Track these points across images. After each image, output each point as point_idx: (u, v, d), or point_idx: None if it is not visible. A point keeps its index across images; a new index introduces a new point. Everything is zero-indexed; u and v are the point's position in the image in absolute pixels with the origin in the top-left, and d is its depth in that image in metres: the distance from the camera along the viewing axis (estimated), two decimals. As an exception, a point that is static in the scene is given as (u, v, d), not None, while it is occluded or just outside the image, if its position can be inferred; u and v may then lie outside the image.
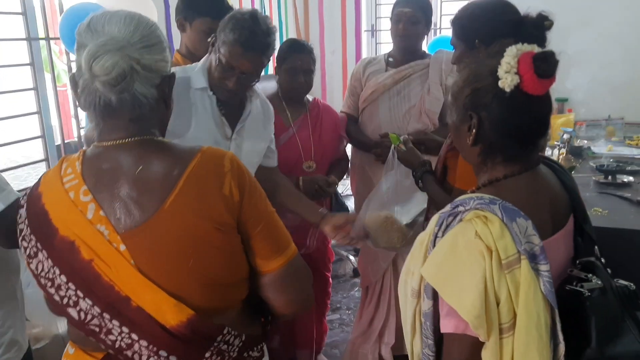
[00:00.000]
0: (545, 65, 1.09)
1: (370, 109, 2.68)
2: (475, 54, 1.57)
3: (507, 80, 1.10)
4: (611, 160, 3.08)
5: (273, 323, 1.25)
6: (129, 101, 1.06)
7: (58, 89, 3.00)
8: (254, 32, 1.74)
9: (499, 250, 1.02)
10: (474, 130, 1.16)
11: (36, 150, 2.82)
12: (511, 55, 1.10)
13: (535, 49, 1.12)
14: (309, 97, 2.63)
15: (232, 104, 1.91)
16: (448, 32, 4.58)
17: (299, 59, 2.44)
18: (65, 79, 5.83)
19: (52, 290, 1.06)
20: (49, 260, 1.06)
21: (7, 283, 1.54)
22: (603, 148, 3.45)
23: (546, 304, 1.04)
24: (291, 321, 2.66)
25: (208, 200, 1.05)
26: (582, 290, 1.13)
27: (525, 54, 1.10)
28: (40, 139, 2.75)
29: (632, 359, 1.11)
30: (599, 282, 1.14)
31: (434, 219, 1.15)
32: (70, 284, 1.04)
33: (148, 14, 2.88)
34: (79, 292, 1.04)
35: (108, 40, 1.02)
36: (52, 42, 2.93)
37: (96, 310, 1.03)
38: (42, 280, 1.07)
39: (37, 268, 1.08)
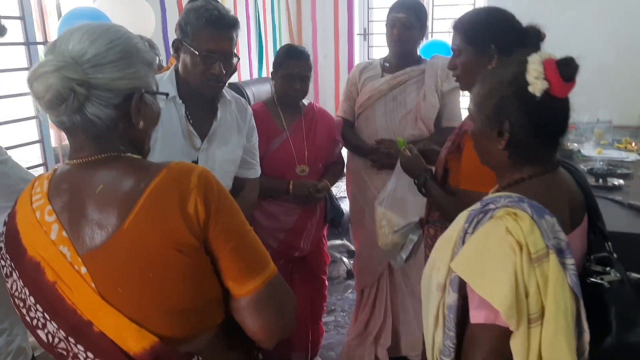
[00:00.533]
0: (569, 70, 1.17)
1: (366, 114, 2.70)
2: (485, 60, 1.64)
3: (538, 85, 1.16)
4: (601, 163, 3.13)
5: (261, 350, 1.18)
6: (80, 122, 1.01)
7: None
8: (218, 10, 1.75)
9: (528, 245, 1.08)
10: (507, 135, 1.22)
11: (35, 154, 2.82)
12: (536, 62, 1.17)
13: (553, 56, 1.19)
14: (305, 101, 2.65)
15: (201, 113, 1.89)
16: (440, 36, 4.65)
17: (296, 66, 2.46)
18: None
19: (24, 311, 1.05)
20: (20, 281, 1.04)
21: None
22: (592, 151, 3.51)
23: (572, 295, 1.10)
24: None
25: (169, 220, 0.97)
26: (602, 282, 1.21)
27: (547, 60, 1.18)
28: (38, 144, 2.76)
29: None
30: (618, 275, 1.22)
31: (463, 216, 1.21)
32: (38, 306, 1.02)
33: (146, 18, 2.90)
34: (45, 315, 1.01)
35: (49, 60, 0.98)
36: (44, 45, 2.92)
37: (62, 333, 1.01)
38: (16, 301, 1.06)
39: (11, 287, 1.06)
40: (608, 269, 1.24)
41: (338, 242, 4.34)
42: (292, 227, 2.57)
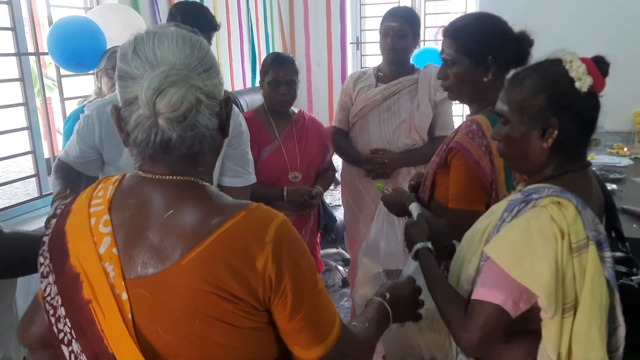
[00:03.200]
0: (605, 67, 1.23)
1: (361, 123, 2.71)
2: (482, 72, 1.61)
3: (586, 81, 1.19)
4: (594, 168, 3.13)
5: None
6: (191, 137, 0.92)
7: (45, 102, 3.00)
8: None
9: (570, 235, 1.10)
10: (555, 132, 1.21)
11: (27, 165, 2.82)
12: (576, 60, 1.21)
13: (577, 56, 1.23)
14: (295, 109, 2.66)
15: None
16: (431, 44, 4.67)
17: (280, 71, 2.48)
18: (52, 92, 5.79)
19: (53, 320, 0.95)
20: (55, 287, 0.94)
21: (3, 300, 1.53)
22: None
23: (607, 289, 1.13)
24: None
25: (233, 270, 0.87)
26: (632, 283, 1.26)
27: (583, 58, 1.21)
28: (30, 155, 2.74)
29: None
30: None
31: (501, 207, 1.23)
32: (67, 320, 0.92)
33: (137, 28, 2.90)
34: (73, 332, 0.92)
35: (169, 69, 0.88)
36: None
37: (84, 358, 0.91)
38: (47, 306, 0.96)
39: (45, 290, 0.97)
40: (635, 270, 1.28)
41: (333, 250, 4.32)
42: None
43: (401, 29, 2.52)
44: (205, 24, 2.33)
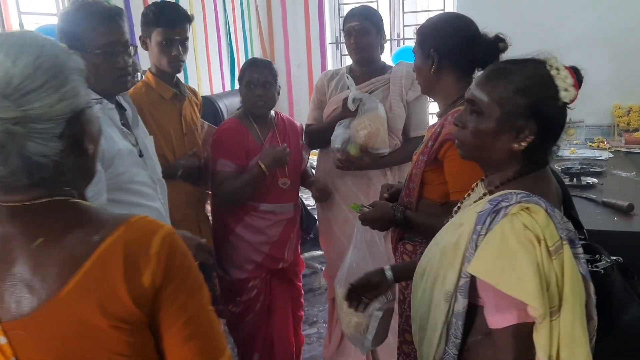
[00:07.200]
0: (581, 79, 1.21)
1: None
2: (429, 63, 1.69)
3: (572, 93, 1.18)
4: (575, 162, 3.16)
5: None
6: (22, 167, 0.80)
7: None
8: (99, 3, 1.69)
9: (546, 239, 1.09)
10: (531, 137, 1.19)
11: None
12: (562, 69, 1.19)
13: (561, 63, 1.21)
14: (272, 112, 2.63)
15: (121, 111, 1.82)
16: (411, 43, 4.65)
17: (255, 72, 2.46)
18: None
19: None
20: None
21: None
22: (566, 151, 3.54)
23: (583, 284, 1.13)
24: (270, 335, 2.65)
25: (119, 293, 0.80)
26: (599, 269, 1.25)
27: (568, 68, 1.19)
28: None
29: None
30: (608, 260, 1.26)
31: (471, 219, 1.19)
32: None
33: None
34: None
35: None
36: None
37: None
38: None
39: None
40: (597, 256, 1.28)
41: (319, 252, 4.29)
42: (278, 239, 2.55)
43: (362, 27, 2.50)
44: (177, 19, 2.28)
